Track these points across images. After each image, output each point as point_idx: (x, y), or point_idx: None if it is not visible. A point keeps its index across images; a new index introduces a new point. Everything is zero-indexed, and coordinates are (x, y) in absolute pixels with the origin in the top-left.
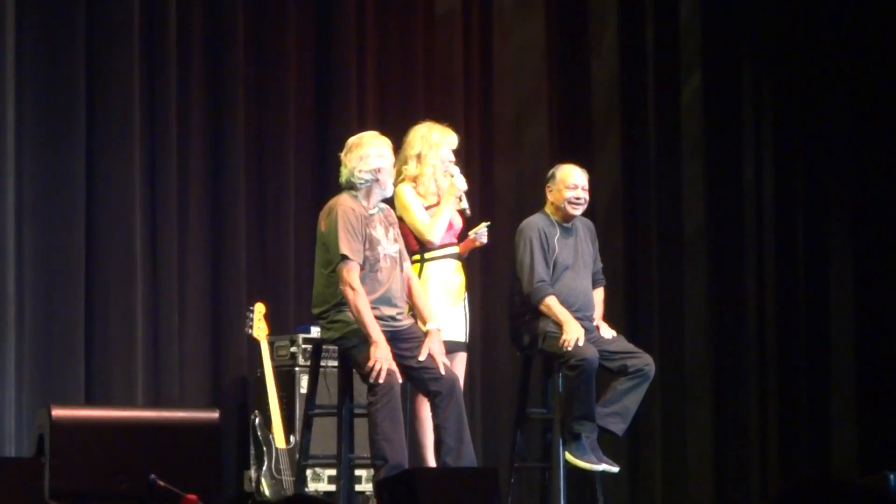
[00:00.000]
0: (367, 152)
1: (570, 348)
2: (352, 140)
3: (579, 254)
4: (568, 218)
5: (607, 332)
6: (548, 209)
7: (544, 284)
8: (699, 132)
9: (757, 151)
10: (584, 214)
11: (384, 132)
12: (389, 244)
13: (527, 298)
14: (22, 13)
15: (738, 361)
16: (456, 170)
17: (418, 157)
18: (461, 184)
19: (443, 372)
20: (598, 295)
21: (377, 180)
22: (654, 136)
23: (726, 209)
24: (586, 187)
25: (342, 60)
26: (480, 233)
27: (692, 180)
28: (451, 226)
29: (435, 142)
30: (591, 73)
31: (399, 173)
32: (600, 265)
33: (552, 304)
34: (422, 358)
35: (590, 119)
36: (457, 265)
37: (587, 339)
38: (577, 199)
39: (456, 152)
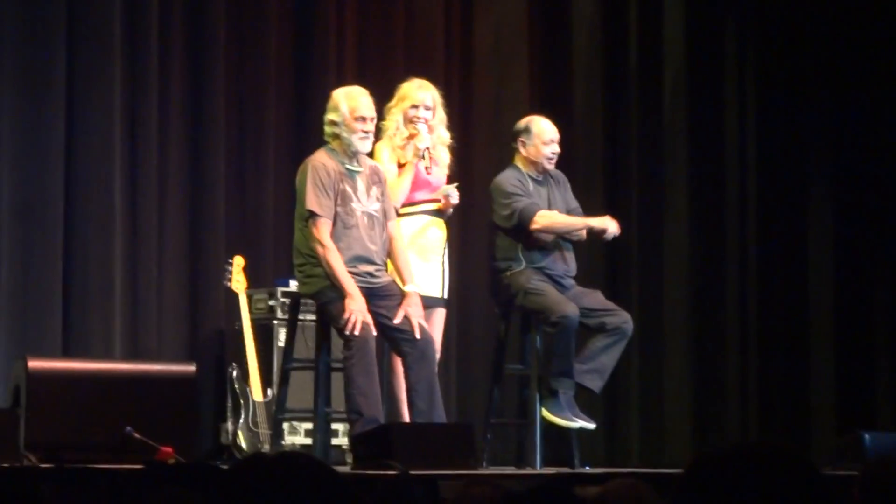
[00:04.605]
0: (329, 105)
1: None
2: None
3: (552, 205)
4: (541, 172)
5: None
6: (519, 162)
7: (532, 203)
8: (682, 86)
9: (741, 101)
10: (561, 166)
11: (363, 85)
12: (370, 202)
13: (518, 226)
14: None
15: (718, 319)
16: (422, 127)
17: (387, 111)
18: (421, 142)
19: (418, 335)
20: None
21: (335, 134)
22: (635, 83)
23: (708, 162)
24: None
25: (322, 10)
26: (449, 193)
27: (673, 137)
28: (428, 183)
29: (400, 96)
30: (571, 23)
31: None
32: (574, 205)
33: (551, 214)
34: (397, 321)
35: (570, 70)
36: (432, 221)
37: (566, 296)
38: (555, 153)
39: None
